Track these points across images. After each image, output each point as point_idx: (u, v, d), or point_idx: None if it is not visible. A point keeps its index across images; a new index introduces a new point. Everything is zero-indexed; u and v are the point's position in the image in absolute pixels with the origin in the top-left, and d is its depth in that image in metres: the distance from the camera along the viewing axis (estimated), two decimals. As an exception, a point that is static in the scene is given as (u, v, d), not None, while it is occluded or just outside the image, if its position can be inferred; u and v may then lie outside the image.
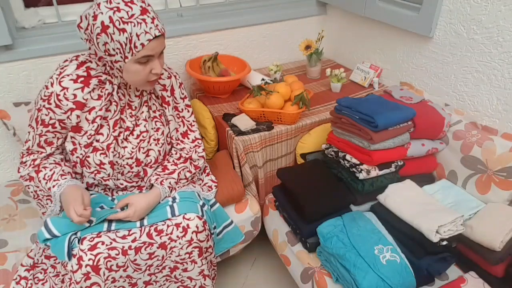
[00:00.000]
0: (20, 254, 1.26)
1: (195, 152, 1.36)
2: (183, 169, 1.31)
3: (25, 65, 1.54)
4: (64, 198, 1.11)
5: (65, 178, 1.16)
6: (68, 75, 1.12)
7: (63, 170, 1.18)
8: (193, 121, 1.38)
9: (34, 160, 1.20)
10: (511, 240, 1.16)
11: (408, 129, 1.39)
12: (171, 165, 1.31)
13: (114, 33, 1.00)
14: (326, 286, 1.21)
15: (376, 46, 1.91)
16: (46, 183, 1.16)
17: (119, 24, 1.00)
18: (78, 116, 1.14)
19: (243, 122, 1.55)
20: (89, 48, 1.09)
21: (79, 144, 1.17)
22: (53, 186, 1.14)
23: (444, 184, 1.45)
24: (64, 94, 1.11)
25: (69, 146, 1.18)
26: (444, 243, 1.17)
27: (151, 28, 1.03)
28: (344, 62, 2.16)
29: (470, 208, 1.32)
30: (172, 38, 1.80)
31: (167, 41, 1.77)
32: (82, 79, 1.12)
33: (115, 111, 1.18)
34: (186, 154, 1.35)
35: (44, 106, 1.12)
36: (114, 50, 1.03)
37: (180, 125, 1.35)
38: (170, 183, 1.27)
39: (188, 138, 1.36)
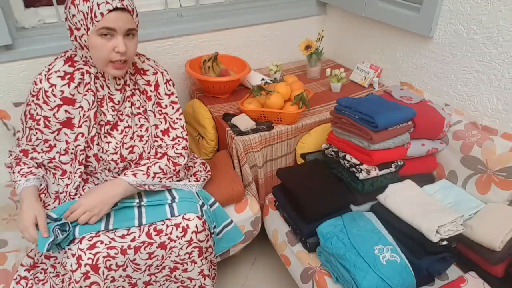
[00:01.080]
0: (20, 254, 1.26)
1: (174, 148, 1.31)
2: (155, 163, 1.24)
3: (25, 65, 1.54)
4: (21, 204, 1.14)
5: (28, 179, 1.18)
6: (55, 72, 1.15)
7: (31, 172, 1.20)
8: (178, 118, 1.33)
9: (21, 151, 1.22)
10: (511, 240, 1.16)
11: (408, 129, 1.39)
12: (145, 159, 1.27)
13: (79, 3, 1.03)
14: (326, 286, 1.21)
15: (376, 46, 1.91)
16: (16, 177, 1.19)
17: None
18: (67, 111, 1.16)
19: (243, 122, 1.55)
20: (69, 30, 1.11)
21: (72, 141, 1.19)
22: (17, 181, 1.18)
23: (444, 184, 1.45)
24: (52, 90, 1.15)
25: (62, 146, 1.19)
26: (444, 243, 1.17)
27: (114, 0, 1.03)
28: (344, 62, 2.16)
29: (470, 208, 1.32)
30: (172, 38, 1.80)
31: (167, 41, 1.81)
32: (68, 76, 1.16)
33: (93, 102, 1.18)
34: (163, 150, 1.30)
35: (32, 101, 1.16)
36: (79, 22, 1.05)
37: (161, 122, 1.31)
38: (134, 172, 1.20)
39: (169, 136, 1.31)
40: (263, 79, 1.73)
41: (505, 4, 1.30)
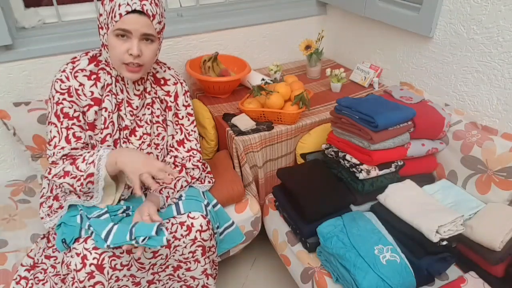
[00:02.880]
0: (20, 254, 1.26)
1: (191, 161, 1.33)
2: (179, 179, 1.29)
3: (25, 65, 1.54)
4: (120, 159, 1.07)
5: (101, 148, 1.14)
6: (81, 70, 1.14)
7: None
8: (192, 130, 1.35)
9: (65, 155, 1.14)
10: (511, 240, 1.16)
11: (408, 129, 1.39)
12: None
13: (106, 3, 1.05)
14: (326, 286, 1.21)
15: (376, 46, 1.91)
16: (86, 164, 1.10)
17: None
18: (96, 113, 1.15)
19: (243, 122, 1.55)
20: (98, 29, 1.11)
21: (95, 141, 1.19)
22: (94, 154, 1.11)
23: (444, 184, 1.45)
24: (82, 89, 1.14)
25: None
26: (444, 243, 1.17)
27: (134, 2, 1.03)
28: (344, 62, 2.16)
29: (470, 208, 1.32)
30: (172, 38, 1.80)
31: (167, 41, 1.81)
32: (94, 75, 1.15)
33: (115, 104, 1.18)
34: (180, 162, 1.32)
35: (64, 99, 1.12)
36: (103, 20, 1.07)
37: (177, 132, 1.33)
38: (168, 192, 1.25)
39: (184, 147, 1.33)
40: (263, 79, 1.73)
41: (505, 4, 1.30)
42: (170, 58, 1.84)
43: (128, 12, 1.02)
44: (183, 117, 1.32)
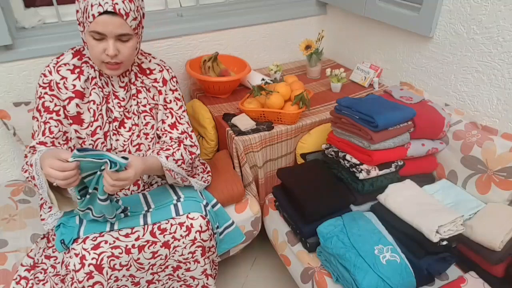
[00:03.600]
0: (20, 254, 1.26)
1: (187, 139, 1.31)
2: (177, 150, 1.25)
3: (25, 65, 1.54)
4: (41, 163, 1.01)
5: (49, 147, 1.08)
6: (65, 65, 1.15)
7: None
8: (182, 115, 1.33)
9: (33, 147, 1.14)
10: (511, 240, 1.16)
11: (408, 129, 1.39)
12: (166, 146, 1.27)
13: (80, 1, 1.04)
14: (326, 286, 1.21)
15: (376, 46, 1.91)
16: (31, 164, 1.07)
17: None
18: (77, 105, 1.16)
19: (243, 122, 1.55)
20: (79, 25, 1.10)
21: (86, 135, 1.18)
22: (34, 158, 1.05)
23: (444, 184, 1.45)
24: (64, 83, 1.14)
25: (76, 145, 1.19)
26: (444, 243, 1.17)
27: (106, 2, 1.01)
28: (344, 62, 2.16)
29: (470, 208, 1.32)
30: (172, 38, 1.80)
31: (167, 41, 1.81)
32: (78, 69, 1.15)
33: (102, 97, 1.19)
34: (177, 138, 1.30)
35: (46, 93, 1.14)
36: (80, 18, 1.06)
37: (168, 116, 1.31)
38: (166, 155, 1.20)
39: (177, 130, 1.31)
40: (263, 79, 1.73)
41: (505, 4, 1.30)
42: (170, 58, 1.84)
43: (100, 13, 1.01)
44: (171, 101, 1.31)
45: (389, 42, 1.82)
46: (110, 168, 0.97)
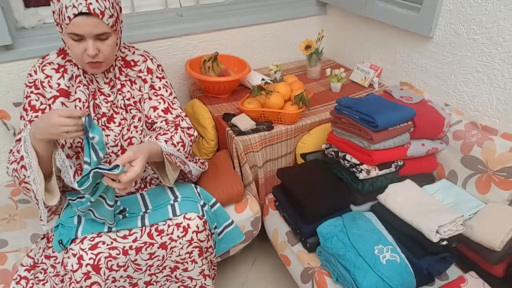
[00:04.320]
0: (20, 254, 1.26)
1: (183, 121, 1.31)
2: (175, 133, 1.25)
3: (25, 65, 1.54)
4: (36, 129, 1.01)
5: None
6: (49, 64, 1.16)
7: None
8: (173, 101, 1.33)
9: (18, 140, 1.15)
10: (511, 240, 1.16)
11: (408, 129, 1.39)
12: (163, 131, 1.26)
13: (55, 2, 1.03)
14: (326, 286, 1.21)
15: (376, 46, 1.91)
16: (20, 145, 1.07)
17: None
18: (63, 104, 1.16)
19: (243, 122, 1.55)
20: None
21: None
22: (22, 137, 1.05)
23: (444, 184, 1.45)
24: (48, 82, 1.15)
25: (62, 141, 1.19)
26: (444, 243, 1.17)
27: (80, 3, 1.00)
28: (344, 62, 2.16)
29: (470, 208, 1.32)
30: (172, 38, 1.80)
31: (167, 41, 1.81)
32: (62, 68, 1.16)
33: (88, 94, 1.19)
34: (173, 122, 1.30)
35: (31, 92, 1.15)
36: (57, 20, 1.05)
37: (160, 102, 1.30)
38: (165, 139, 1.20)
39: (172, 114, 1.31)
40: (263, 79, 1.73)
41: (505, 4, 1.30)
42: (170, 58, 1.84)
43: (75, 15, 1.01)
44: (160, 88, 1.31)
45: (389, 42, 1.82)
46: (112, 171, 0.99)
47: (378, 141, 1.30)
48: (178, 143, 1.24)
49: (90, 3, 1.01)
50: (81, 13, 1.01)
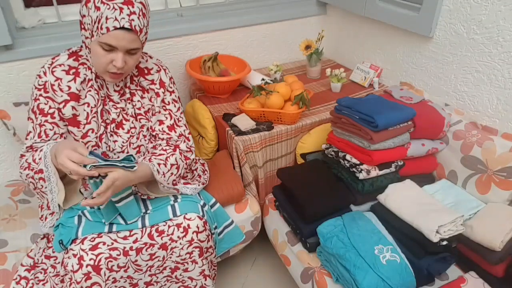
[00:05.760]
0: (20, 254, 1.26)
1: (184, 142, 1.32)
2: (172, 155, 1.25)
3: (25, 65, 1.54)
4: (54, 153, 1.03)
5: (48, 144, 1.08)
6: (60, 65, 1.14)
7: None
8: (181, 117, 1.33)
9: (30, 147, 1.15)
10: (511, 240, 1.16)
11: (408, 129, 1.39)
12: (160, 150, 1.26)
13: (91, 8, 1.02)
14: (326, 286, 1.21)
15: (376, 46, 1.91)
16: (38, 158, 1.08)
17: (98, 2, 1.01)
18: (73, 108, 1.15)
19: (243, 122, 1.55)
20: (79, 24, 1.09)
21: (79, 138, 1.18)
22: (41, 150, 1.07)
23: (444, 184, 1.45)
24: (59, 84, 1.13)
25: None
26: (444, 243, 1.17)
27: (123, 18, 1.01)
28: (344, 62, 2.16)
29: (470, 208, 1.32)
30: (172, 38, 1.80)
31: (167, 41, 1.81)
32: (73, 70, 1.14)
33: (98, 100, 1.18)
34: (174, 143, 1.30)
35: (41, 95, 1.13)
36: (87, 24, 1.05)
37: (167, 118, 1.31)
38: (158, 162, 1.20)
39: (175, 132, 1.31)
40: (263, 79, 1.73)
41: (505, 4, 1.30)
42: (170, 58, 1.84)
43: (116, 28, 1.01)
44: (169, 102, 1.31)
45: (389, 42, 1.82)
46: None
47: (378, 141, 1.30)
48: (172, 165, 1.23)
49: (133, 20, 1.03)
50: (121, 28, 1.02)
